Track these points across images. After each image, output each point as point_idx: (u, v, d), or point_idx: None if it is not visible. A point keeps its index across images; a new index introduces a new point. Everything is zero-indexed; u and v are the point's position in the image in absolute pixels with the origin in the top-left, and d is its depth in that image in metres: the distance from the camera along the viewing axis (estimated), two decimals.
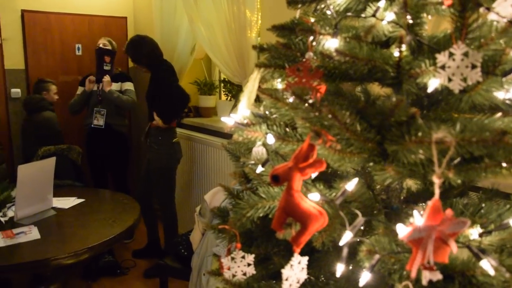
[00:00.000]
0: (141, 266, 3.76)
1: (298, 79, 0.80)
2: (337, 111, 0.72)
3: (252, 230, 0.93)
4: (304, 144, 0.72)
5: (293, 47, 0.92)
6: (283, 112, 0.87)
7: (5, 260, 2.12)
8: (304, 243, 0.75)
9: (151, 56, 3.38)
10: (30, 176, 2.52)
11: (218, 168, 3.50)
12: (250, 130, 0.94)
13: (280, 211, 0.76)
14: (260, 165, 0.91)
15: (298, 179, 0.74)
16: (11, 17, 4.22)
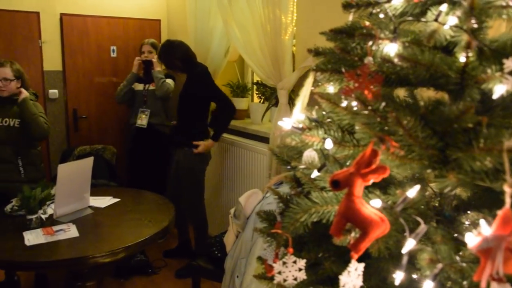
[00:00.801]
0: (172, 266, 3.79)
1: (357, 84, 0.79)
2: (403, 117, 0.71)
3: (303, 235, 0.92)
4: (367, 150, 0.71)
5: (352, 52, 0.91)
6: (341, 117, 0.86)
7: (46, 256, 2.18)
8: (364, 250, 0.75)
9: (185, 58, 3.40)
10: (69, 175, 2.58)
11: (249, 170, 3.50)
12: (307, 135, 0.93)
13: (339, 217, 0.76)
14: (316, 170, 0.91)
15: (360, 185, 0.74)
16: (51, 20, 4.33)
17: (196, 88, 3.42)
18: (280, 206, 1.08)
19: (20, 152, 3.15)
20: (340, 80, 0.93)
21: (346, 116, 0.85)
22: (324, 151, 0.92)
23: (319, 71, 0.96)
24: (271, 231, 0.96)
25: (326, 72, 0.94)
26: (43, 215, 2.57)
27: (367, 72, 0.79)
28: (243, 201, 2.55)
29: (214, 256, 2.77)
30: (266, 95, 3.69)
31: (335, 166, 0.89)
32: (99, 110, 4.66)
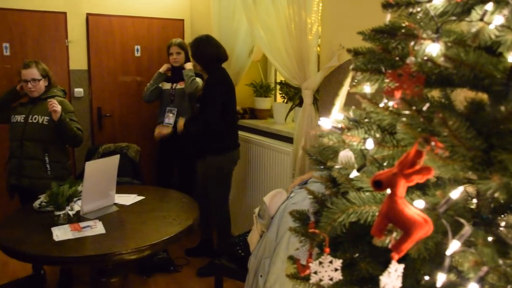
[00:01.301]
0: (194, 265, 3.82)
1: (399, 84, 0.79)
2: (449, 118, 0.71)
3: (339, 235, 0.92)
4: (411, 150, 0.71)
5: (393, 52, 0.90)
6: (381, 117, 0.86)
7: (74, 252, 2.21)
8: (406, 251, 0.74)
9: (210, 58, 3.41)
10: (96, 172, 2.62)
11: (272, 170, 3.51)
12: (348, 135, 0.93)
13: (381, 217, 0.75)
14: (355, 170, 0.90)
15: (403, 185, 0.73)
16: (77, 20, 4.40)
17: (206, 96, 3.44)
18: (314, 206, 1.07)
19: (47, 149, 3.20)
20: (380, 80, 0.92)
21: (388, 116, 0.85)
22: (364, 151, 0.92)
23: (359, 71, 0.95)
24: (308, 230, 0.95)
25: (366, 72, 0.94)
26: (70, 211, 2.61)
27: (409, 72, 0.79)
28: (267, 201, 2.55)
29: (238, 255, 2.78)
30: (289, 95, 3.69)
31: (374, 167, 0.89)
32: (123, 109, 4.72)
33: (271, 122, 3.92)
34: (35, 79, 3.17)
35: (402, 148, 0.83)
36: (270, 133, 3.70)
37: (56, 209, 2.54)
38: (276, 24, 3.16)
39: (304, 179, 2.84)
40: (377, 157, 0.88)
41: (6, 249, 2.31)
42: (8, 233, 2.44)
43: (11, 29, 4.17)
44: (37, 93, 3.21)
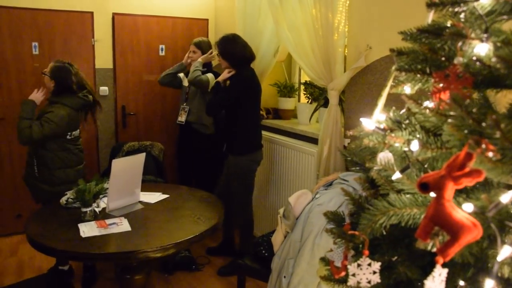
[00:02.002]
0: (215, 264, 3.82)
1: (446, 85, 0.77)
2: (502, 120, 0.69)
3: (377, 237, 0.91)
4: (461, 153, 0.69)
5: (439, 52, 0.88)
6: (427, 118, 0.84)
7: (100, 248, 2.23)
8: (453, 255, 0.72)
9: (238, 58, 3.40)
10: (122, 170, 2.64)
11: (296, 170, 3.49)
12: (392, 136, 0.91)
13: (427, 220, 0.74)
14: (398, 172, 0.89)
15: (451, 188, 0.71)
16: (103, 19, 4.46)
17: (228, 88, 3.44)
18: (351, 208, 1.06)
19: (36, 152, 3.16)
20: (423, 80, 0.91)
21: (433, 117, 0.83)
22: (407, 153, 0.90)
23: (403, 71, 0.93)
24: (346, 232, 0.94)
25: (410, 72, 0.92)
26: (97, 208, 2.64)
27: (457, 73, 0.77)
28: (292, 201, 2.54)
29: (261, 256, 2.78)
30: (314, 96, 3.66)
31: (416, 169, 0.87)
32: (147, 108, 4.76)
33: (295, 123, 3.90)
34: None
35: (447, 150, 0.81)
36: (294, 133, 3.68)
37: (82, 206, 2.57)
38: (302, 23, 3.14)
39: (329, 180, 2.82)
40: (420, 158, 0.86)
41: (34, 243, 2.35)
42: (36, 228, 2.48)
43: (39, 28, 4.24)
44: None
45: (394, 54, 1.03)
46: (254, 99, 3.43)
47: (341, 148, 3.06)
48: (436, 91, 0.80)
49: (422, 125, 0.89)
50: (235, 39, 3.42)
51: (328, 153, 3.05)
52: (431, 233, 0.74)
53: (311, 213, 2.48)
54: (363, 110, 2.94)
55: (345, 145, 3.08)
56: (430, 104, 0.91)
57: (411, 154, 0.88)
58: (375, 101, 2.84)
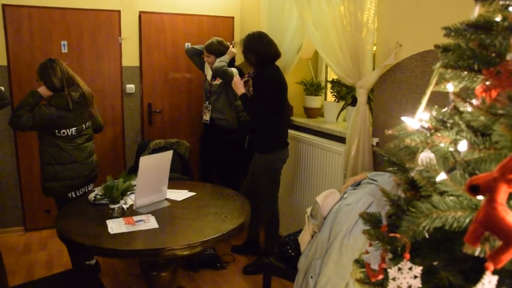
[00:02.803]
0: (240, 262, 3.82)
1: (496, 82, 0.73)
2: None
3: (417, 240, 0.87)
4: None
5: (490, 48, 0.84)
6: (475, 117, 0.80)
7: (128, 245, 2.25)
8: (506, 262, 0.69)
9: (262, 56, 3.37)
10: (149, 167, 2.65)
11: (322, 169, 3.45)
12: (438, 135, 0.88)
13: (477, 224, 0.70)
14: (443, 173, 0.85)
15: (504, 191, 0.68)
16: (130, 18, 4.50)
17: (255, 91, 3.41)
18: (388, 209, 1.03)
19: (40, 149, 3.25)
20: (471, 78, 0.87)
21: (482, 116, 0.79)
22: (454, 153, 0.86)
23: (450, 68, 0.90)
24: (387, 234, 0.91)
25: (457, 69, 0.88)
26: (124, 205, 2.66)
27: (509, 70, 0.73)
28: (320, 201, 2.51)
29: (287, 255, 2.75)
30: (341, 94, 3.61)
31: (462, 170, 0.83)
32: (173, 105, 4.78)
33: (321, 121, 3.86)
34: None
35: (496, 151, 0.77)
36: (321, 132, 3.64)
37: (110, 203, 2.59)
38: (330, 20, 3.09)
39: (357, 180, 2.77)
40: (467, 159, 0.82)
41: (64, 238, 2.38)
42: (66, 223, 2.51)
43: (69, 27, 4.31)
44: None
45: (439, 51, 0.99)
46: (280, 97, 3.39)
47: (369, 147, 3.01)
48: (486, 89, 0.77)
49: (468, 125, 0.85)
50: (261, 37, 3.39)
51: (356, 152, 3.00)
52: (481, 238, 0.71)
53: (339, 213, 2.45)
54: (392, 109, 2.89)
55: (373, 144, 3.03)
56: (475, 102, 0.88)
57: (457, 154, 0.85)
58: (404, 99, 2.79)
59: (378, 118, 3.02)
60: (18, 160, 4.32)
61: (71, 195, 3.20)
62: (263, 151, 3.46)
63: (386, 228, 1.00)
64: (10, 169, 4.33)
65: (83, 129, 3.23)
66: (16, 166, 4.33)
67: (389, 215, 1.02)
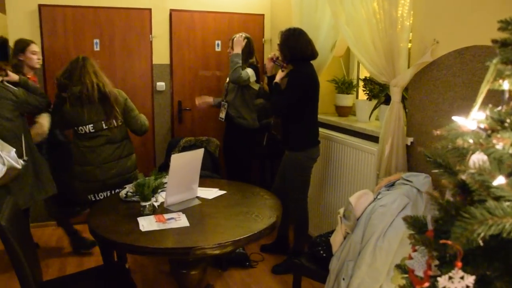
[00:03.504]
0: (269, 261, 3.79)
1: None
2: None
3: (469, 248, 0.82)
4: None
5: None
6: None
7: (158, 243, 2.24)
8: None
9: (297, 53, 3.33)
10: (181, 165, 2.64)
11: (354, 169, 3.38)
12: (498, 137, 0.83)
13: None
14: (502, 176, 0.80)
15: None
16: (161, 16, 4.52)
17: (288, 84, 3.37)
18: (435, 214, 0.98)
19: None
20: None
21: None
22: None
23: (510, 64, 0.84)
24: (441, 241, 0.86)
25: None
26: (155, 202, 2.66)
27: None
28: (353, 202, 2.46)
29: (319, 256, 2.71)
30: (374, 92, 3.53)
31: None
32: None
33: (353, 120, 3.78)
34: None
35: None
36: (352, 131, 3.57)
37: (142, 200, 2.59)
38: (363, 17, 3.02)
39: (391, 180, 2.71)
40: None
41: (96, 235, 2.40)
42: (98, 220, 2.53)
43: (101, 26, 4.36)
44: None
45: (497, 46, 0.93)
46: (312, 96, 3.35)
47: (404, 147, 2.93)
48: None
49: None
50: (300, 35, 3.35)
51: (389, 152, 2.93)
52: None
53: (373, 214, 2.39)
54: (427, 108, 2.80)
55: (408, 144, 2.95)
56: None
57: None
58: (441, 98, 2.70)
59: (412, 117, 2.94)
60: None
61: (91, 198, 3.19)
62: (294, 149, 3.42)
63: (432, 233, 0.96)
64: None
65: (102, 128, 3.15)
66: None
67: (435, 220, 0.97)
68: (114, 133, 3.20)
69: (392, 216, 2.33)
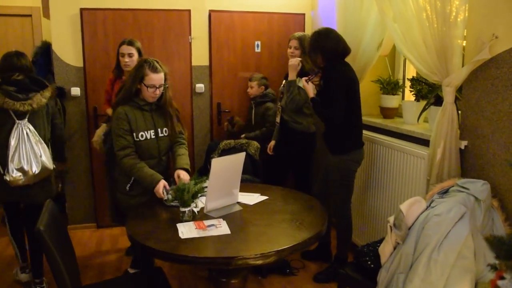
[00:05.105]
0: (310, 269, 3.67)
1: None
2: None
3: None
4: None
5: None
6: None
7: (198, 252, 2.14)
8: None
9: (327, 52, 3.18)
10: (221, 169, 2.55)
11: (402, 174, 3.19)
12: None
13: None
14: None
15: None
16: (200, 17, 4.48)
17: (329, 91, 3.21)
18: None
19: None
20: None
21: None
22: None
23: None
24: None
25: None
26: (195, 208, 2.58)
27: None
28: (404, 210, 2.30)
29: (366, 267, 2.55)
30: (422, 93, 3.34)
31: None
32: (242, 105, 4.70)
33: (399, 122, 3.59)
34: (161, 85, 2.88)
35: None
36: (399, 133, 3.38)
37: (181, 206, 2.51)
38: (413, 12, 2.83)
39: (445, 187, 2.53)
40: None
41: (135, 241, 2.33)
42: (137, 226, 2.47)
43: (140, 28, 4.35)
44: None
45: None
46: (352, 95, 3.18)
47: (457, 151, 2.74)
48: None
49: None
50: (327, 33, 3.22)
51: (441, 157, 2.74)
52: None
53: (427, 224, 2.22)
54: (484, 109, 2.60)
55: (461, 147, 2.75)
56: None
57: None
58: (500, 98, 2.49)
59: (467, 119, 2.74)
60: (91, 159, 4.43)
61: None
62: (337, 152, 3.27)
63: None
64: (84, 167, 4.44)
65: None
66: (89, 164, 4.44)
67: None
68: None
69: (448, 227, 2.16)
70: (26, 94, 3.01)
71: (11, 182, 3.01)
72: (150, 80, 2.81)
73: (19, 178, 3.01)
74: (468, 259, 2.10)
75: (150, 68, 2.82)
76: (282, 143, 3.91)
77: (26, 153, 3.02)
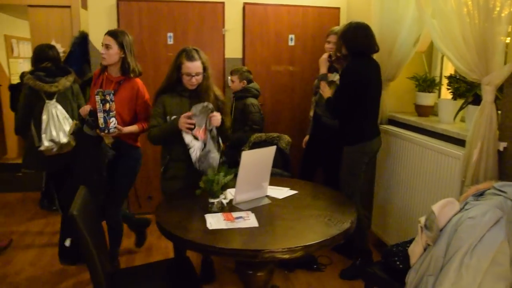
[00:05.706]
0: (338, 265, 3.64)
1: None
2: None
3: None
4: None
5: None
6: None
7: (225, 243, 2.15)
8: None
9: (351, 46, 3.18)
10: (251, 162, 2.55)
11: (435, 174, 3.11)
12: None
13: None
14: None
15: None
16: (234, 9, 4.48)
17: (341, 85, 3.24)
18: None
19: None
20: None
21: None
22: None
23: None
24: None
25: None
26: (224, 200, 2.59)
27: None
28: (436, 211, 2.24)
29: (395, 267, 2.51)
30: (460, 91, 3.23)
31: None
32: (274, 98, 4.69)
33: (434, 120, 3.50)
34: (198, 73, 2.94)
35: None
36: (433, 132, 3.30)
37: (210, 197, 2.53)
38: (453, 8, 2.75)
39: (480, 189, 2.44)
40: None
41: (164, 231, 2.36)
42: (167, 216, 2.50)
43: (174, 19, 4.39)
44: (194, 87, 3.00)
45: None
46: (362, 94, 3.16)
47: (495, 153, 2.65)
48: None
49: None
50: (357, 28, 3.18)
51: (478, 158, 2.66)
52: None
53: (460, 227, 2.15)
54: None
55: (500, 149, 2.66)
56: None
57: None
58: None
59: (507, 120, 2.64)
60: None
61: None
62: (345, 143, 3.33)
63: None
64: None
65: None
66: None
67: None
68: None
69: (482, 231, 2.08)
70: (53, 78, 3.59)
71: (45, 151, 3.55)
72: (186, 68, 2.92)
73: (52, 146, 3.55)
74: (503, 266, 2.03)
75: (187, 57, 2.92)
76: (315, 138, 3.89)
77: (55, 127, 3.56)
